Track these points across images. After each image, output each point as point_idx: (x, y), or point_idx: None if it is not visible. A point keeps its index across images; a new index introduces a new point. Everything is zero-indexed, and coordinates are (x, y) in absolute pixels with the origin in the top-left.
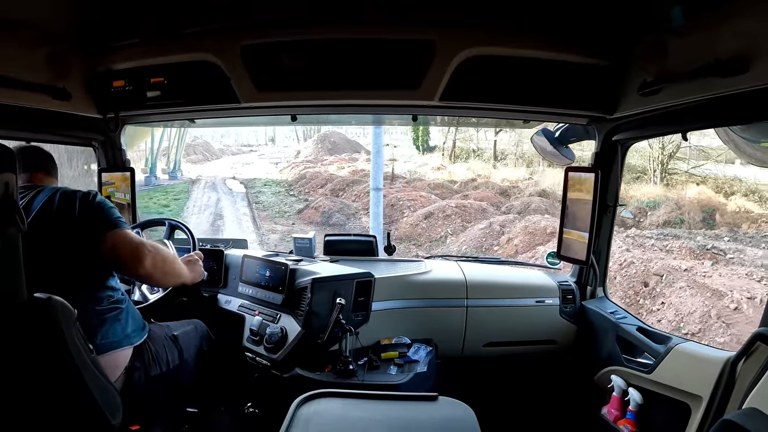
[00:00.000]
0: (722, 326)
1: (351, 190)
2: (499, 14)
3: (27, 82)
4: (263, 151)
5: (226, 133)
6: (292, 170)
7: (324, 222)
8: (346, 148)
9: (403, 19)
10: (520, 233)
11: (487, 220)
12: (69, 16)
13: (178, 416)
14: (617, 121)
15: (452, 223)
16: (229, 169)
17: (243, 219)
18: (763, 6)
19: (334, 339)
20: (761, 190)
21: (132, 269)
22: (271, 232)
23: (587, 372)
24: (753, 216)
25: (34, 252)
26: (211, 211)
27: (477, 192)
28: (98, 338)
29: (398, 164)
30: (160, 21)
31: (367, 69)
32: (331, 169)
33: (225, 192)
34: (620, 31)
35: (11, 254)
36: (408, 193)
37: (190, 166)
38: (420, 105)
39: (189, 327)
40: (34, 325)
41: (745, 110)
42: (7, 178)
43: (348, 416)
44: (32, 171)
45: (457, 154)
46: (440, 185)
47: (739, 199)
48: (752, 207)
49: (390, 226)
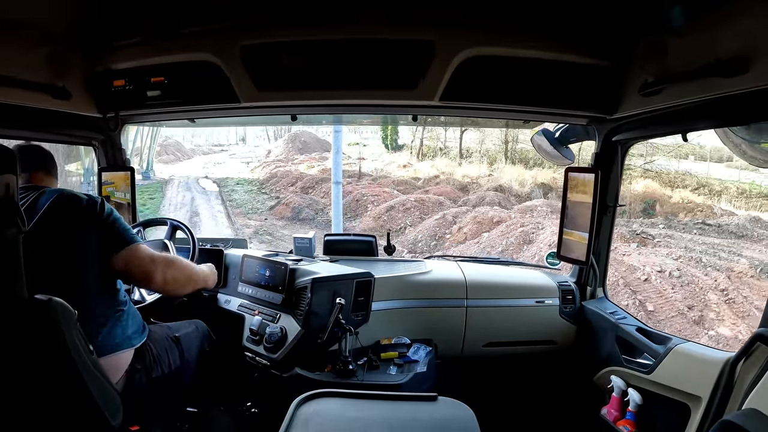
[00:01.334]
0: (629, 292)
1: (320, 188)
2: (499, 14)
3: (27, 81)
4: (234, 151)
5: (197, 133)
6: (263, 169)
7: (294, 217)
8: (316, 148)
9: (402, 19)
10: (469, 222)
11: (442, 212)
12: (70, 16)
13: (178, 416)
14: (617, 121)
15: (411, 215)
16: (202, 168)
17: (218, 216)
18: (763, 6)
19: (334, 339)
20: (711, 183)
21: (143, 285)
22: (245, 227)
23: (587, 372)
24: (690, 206)
25: (38, 254)
26: (187, 209)
27: (437, 187)
28: (99, 340)
29: (367, 162)
30: (160, 21)
31: (367, 69)
32: (302, 167)
33: (199, 191)
34: (621, 32)
35: (11, 255)
36: (372, 190)
37: (162, 166)
38: (420, 105)
39: (191, 328)
40: (34, 326)
41: (746, 111)
42: (8, 180)
43: (347, 416)
44: (32, 171)
45: (425, 153)
46: (404, 182)
47: (684, 192)
48: (695, 198)
49: (354, 219)
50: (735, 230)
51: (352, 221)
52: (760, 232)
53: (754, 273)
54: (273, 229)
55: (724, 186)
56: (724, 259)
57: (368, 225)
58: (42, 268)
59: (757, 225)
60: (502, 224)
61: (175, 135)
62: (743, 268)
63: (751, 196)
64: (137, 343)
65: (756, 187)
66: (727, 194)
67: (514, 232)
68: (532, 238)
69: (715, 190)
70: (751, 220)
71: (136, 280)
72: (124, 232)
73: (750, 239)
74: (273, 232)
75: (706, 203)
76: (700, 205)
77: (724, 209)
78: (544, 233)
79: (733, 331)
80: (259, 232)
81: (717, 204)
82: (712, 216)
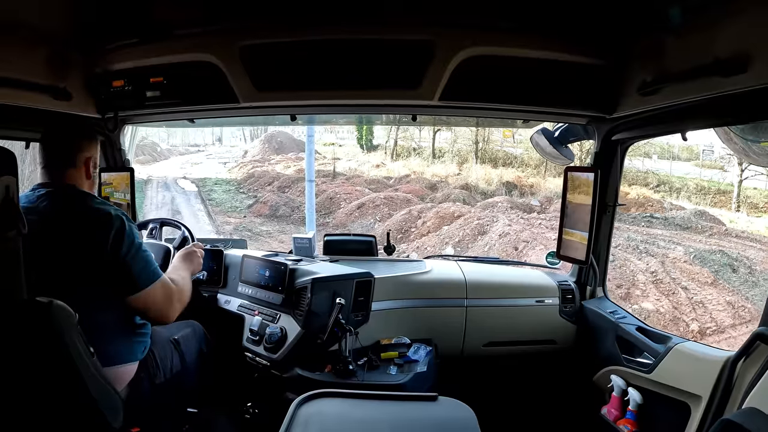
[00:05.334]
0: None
1: (296, 187)
2: (498, 14)
3: (27, 82)
4: (211, 151)
5: (172, 133)
6: (240, 169)
7: (271, 215)
8: (292, 148)
9: (401, 19)
10: (432, 217)
11: (408, 208)
12: (69, 17)
13: (178, 417)
14: (617, 120)
15: (380, 212)
16: (179, 169)
17: (199, 214)
18: (762, 6)
19: (334, 339)
20: (671, 181)
21: (160, 321)
22: (225, 224)
23: (587, 372)
24: (642, 201)
25: (45, 256)
26: (168, 208)
27: (407, 186)
28: (105, 351)
29: (342, 162)
30: (159, 21)
31: (366, 69)
32: (278, 167)
33: (178, 191)
34: (620, 31)
35: (10, 257)
36: (345, 188)
37: (138, 166)
38: (419, 105)
39: (188, 330)
40: (34, 328)
41: (745, 110)
42: (8, 182)
43: (348, 416)
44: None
45: (399, 153)
46: (377, 181)
47: (642, 189)
48: (651, 195)
49: (328, 216)
50: (680, 222)
51: (326, 218)
52: (703, 224)
53: (687, 259)
54: (252, 225)
55: (683, 183)
56: (662, 247)
57: (340, 221)
58: (50, 271)
59: (702, 218)
60: (461, 218)
61: (151, 135)
62: (678, 255)
63: (709, 192)
64: (142, 356)
65: (714, 183)
66: (686, 191)
67: (470, 224)
68: (486, 230)
69: (675, 187)
70: (696, 214)
71: (153, 319)
72: (149, 270)
73: (693, 231)
74: (252, 229)
75: (656, 198)
76: (650, 200)
77: (674, 204)
78: (497, 225)
79: (655, 306)
80: (239, 228)
81: (668, 199)
82: (660, 210)
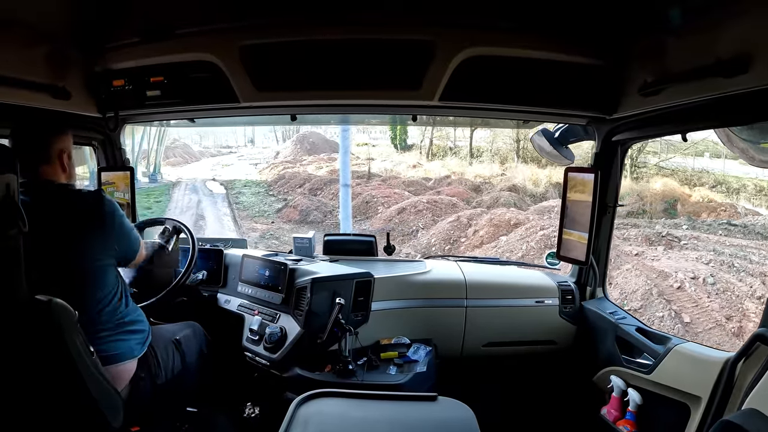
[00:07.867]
0: (662, 302)
1: (329, 189)
2: (498, 14)
3: (27, 81)
4: (243, 153)
5: (205, 134)
6: (271, 171)
7: (302, 220)
8: (324, 148)
9: (401, 19)
10: (485, 225)
11: (456, 214)
12: (69, 16)
13: (178, 416)
14: (617, 121)
15: (423, 217)
16: (209, 171)
17: (224, 219)
18: (763, 6)
19: (334, 339)
20: (728, 181)
21: None
22: (251, 231)
23: (587, 372)
24: (713, 206)
25: (47, 253)
26: (192, 212)
27: (450, 188)
28: (103, 349)
29: (376, 163)
30: (160, 21)
31: (367, 69)
32: (310, 169)
33: (206, 194)
34: (620, 32)
35: (11, 255)
36: (382, 191)
37: (170, 168)
38: (419, 105)
39: (188, 330)
40: (34, 326)
41: (746, 111)
42: (8, 179)
43: (347, 416)
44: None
45: (435, 152)
46: (415, 182)
47: (703, 190)
48: (715, 197)
49: (364, 222)
50: (761, 231)
51: (362, 224)
52: None
53: None
54: (280, 233)
55: (741, 183)
56: (756, 262)
57: (379, 227)
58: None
59: None
60: (520, 227)
61: (184, 137)
62: None
63: None
64: (139, 353)
65: None
66: (746, 192)
67: (534, 235)
68: (554, 243)
69: (733, 188)
70: None
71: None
72: (134, 241)
73: None
74: (280, 237)
75: (728, 202)
76: (723, 205)
77: (747, 209)
78: None
79: None
80: (266, 236)
81: (740, 203)
82: (736, 216)
